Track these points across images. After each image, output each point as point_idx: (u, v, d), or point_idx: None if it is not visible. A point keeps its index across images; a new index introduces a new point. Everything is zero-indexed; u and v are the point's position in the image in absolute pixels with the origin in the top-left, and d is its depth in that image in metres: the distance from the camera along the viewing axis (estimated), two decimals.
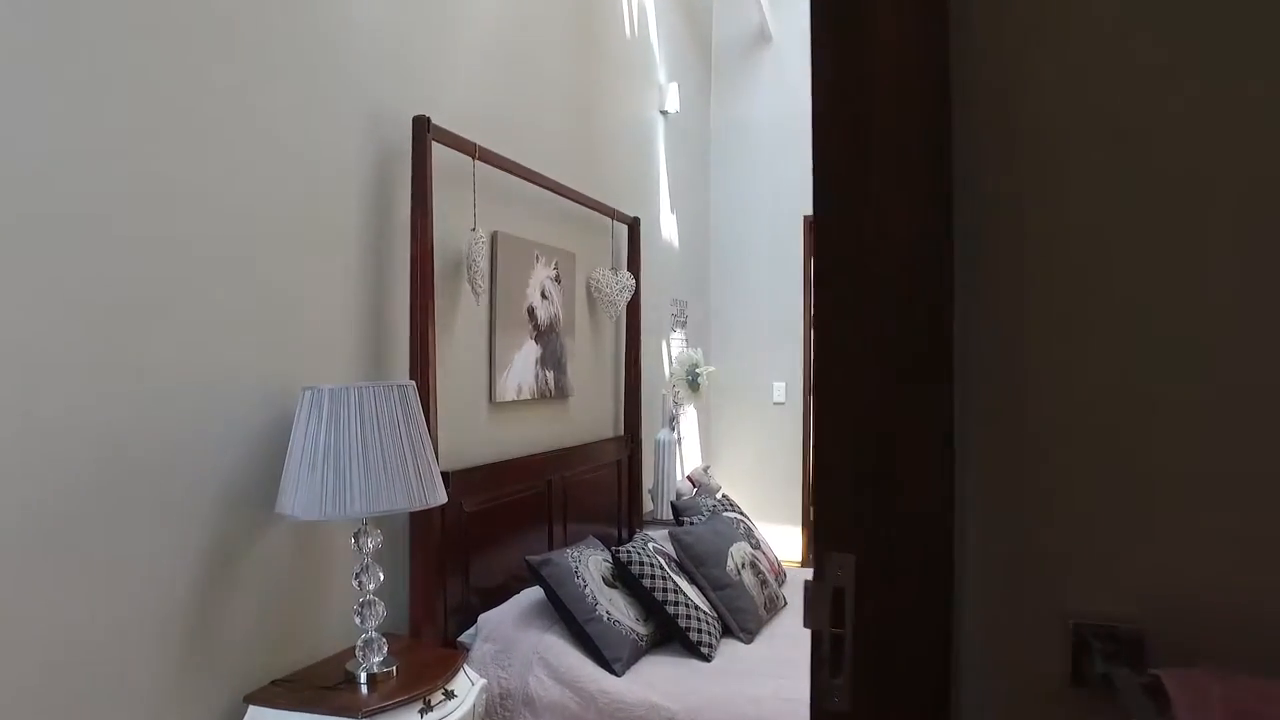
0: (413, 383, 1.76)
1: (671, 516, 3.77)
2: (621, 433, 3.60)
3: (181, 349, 1.55)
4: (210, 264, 1.61)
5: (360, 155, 2.03)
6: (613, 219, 3.39)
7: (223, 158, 1.64)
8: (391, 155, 2.14)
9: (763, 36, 5.03)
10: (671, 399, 3.98)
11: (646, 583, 2.23)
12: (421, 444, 1.71)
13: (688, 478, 4.01)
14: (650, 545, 2.43)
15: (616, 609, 2.17)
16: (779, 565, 2.97)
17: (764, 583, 2.59)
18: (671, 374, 4.18)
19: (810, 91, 0.83)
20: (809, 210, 3.53)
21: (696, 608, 2.28)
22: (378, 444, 1.62)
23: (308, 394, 1.62)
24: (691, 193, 4.81)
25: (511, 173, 2.53)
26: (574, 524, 2.94)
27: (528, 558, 2.17)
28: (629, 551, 2.27)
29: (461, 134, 2.24)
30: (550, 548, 2.77)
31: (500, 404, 2.61)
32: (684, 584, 2.34)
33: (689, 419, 4.54)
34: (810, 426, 5.03)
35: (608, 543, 3.19)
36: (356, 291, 2.01)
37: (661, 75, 4.20)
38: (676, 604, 2.24)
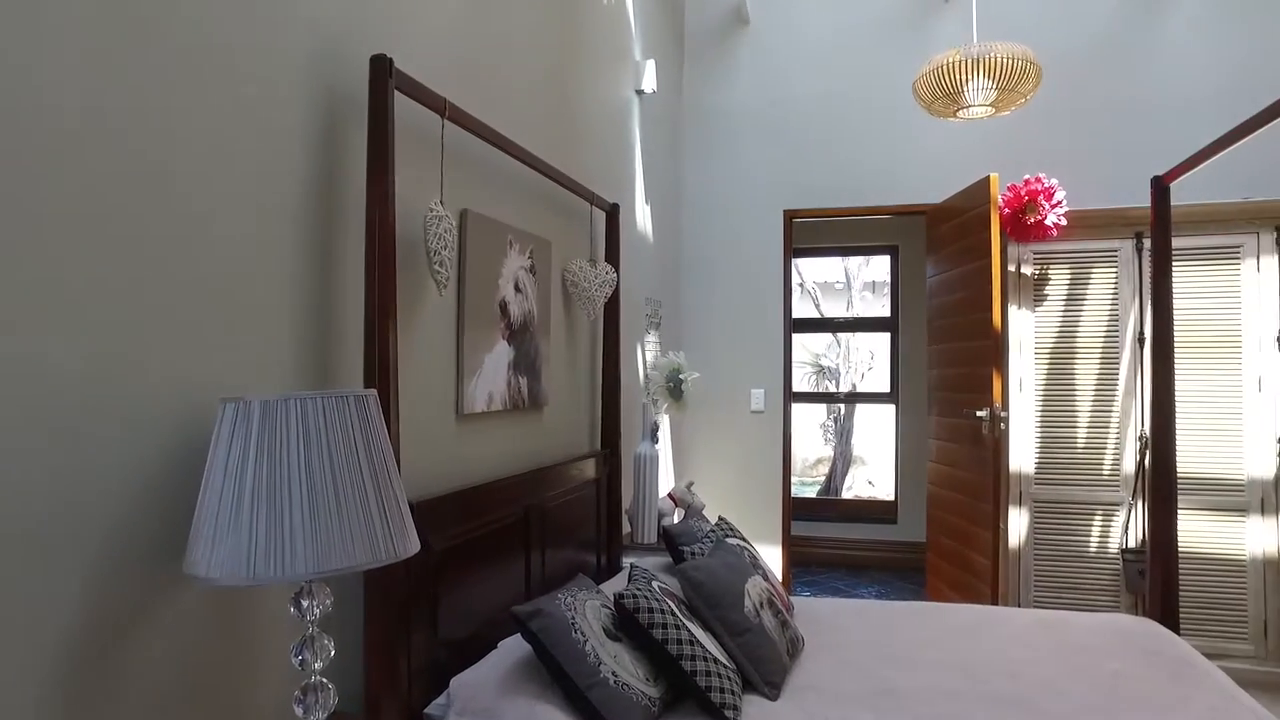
0: (373, 392, 1.33)
1: (656, 541, 3.40)
2: (599, 447, 3.20)
3: (44, 344, 1.09)
4: (89, 231, 1.15)
5: (303, 102, 1.59)
6: (591, 204, 2.99)
7: (120, 94, 1.19)
8: (343, 105, 1.70)
9: (739, 19, 4.70)
10: (652, 408, 3.59)
11: (658, 633, 1.83)
12: (387, 474, 1.28)
13: (669, 496, 3.62)
14: (655, 585, 2.03)
15: (623, 668, 1.76)
16: (787, 598, 2.61)
17: (784, 623, 2.21)
18: (649, 380, 3.79)
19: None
20: (790, 204, 3.17)
21: (715, 660, 1.89)
22: (328, 475, 1.19)
23: (230, 408, 1.18)
24: (665, 183, 4.44)
25: (486, 139, 2.10)
26: (552, 555, 2.53)
27: (515, 610, 1.74)
28: (635, 597, 1.87)
29: (428, 85, 1.82)
30: (528, 585, 2.35)
31: (469, 416, 2.18)
32: (698, 631, 1.94)
33: (663, 430, 4.15)
34: (791, 436, 4.70)
35: (579, 572, 2.80)
36: (296, 274, 1.57)
37: (637, 51, 3.82)
38: (694, 658, 1.84)
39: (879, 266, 9.17)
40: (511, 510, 2.26)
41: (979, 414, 3.62)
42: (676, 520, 3.61)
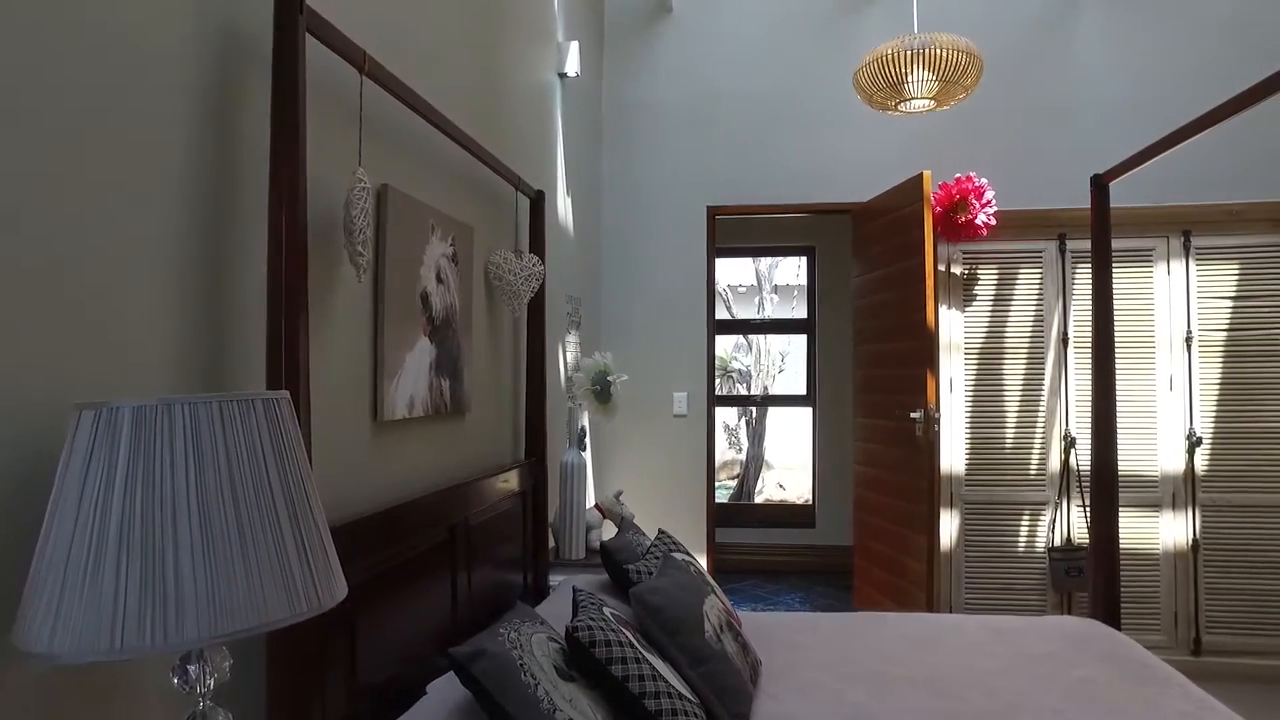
0: (285, 393, 1.04)
1: (584, 556, 3.16)
2: (523, 456, 2.93)
3: None
4: None
5: (188, 44, 1.28)
6: (517, 190, 2.73)
7: None
8: (240, 51, 1.39)
9: (662, 7, 4.52)
10: (578, 412, 3.35)
11: (617, 669, 1.60)
12: (306, 498, 1.00)
13: (596, 506, 3.39)
14: (607, 611, 1.79)
15: (580, 714, 1.52)
16: (736, 614, 2.42)
17: (744, 647, 2.02)
18: (572, 382, 3.55)
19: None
20: (713, 201, 3.00)
21: (681, 696, 1.67)
22: (229, 505, 0.90)
23: (89, 418, 0.88)
24: (585, 174, 4.21)
25: (409, 104, 1.82)
26: (478, 578, 2.26)
27: (454, 652, 1.47)
28: (590, 629, 1.63)
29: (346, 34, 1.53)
30: (455, 613, 2.08)
31: (388, 423, 1.88)
32: (658, 664, 1.72)
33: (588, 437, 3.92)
34: (714, 442, 4.55)
35: (508, 597, 2.54)
36: (179, 253, 1.25)
37: (560, 32, 3.58)
38: (658, 695, 1.62)
39: (787, 269, 9.24)
40: (436, 530, 1.98)
41: (913, 415, 3.56)
42: (603, 533, 3.38)
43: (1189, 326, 3.58)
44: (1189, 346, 3.58)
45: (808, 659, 2.25)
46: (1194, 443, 3.56)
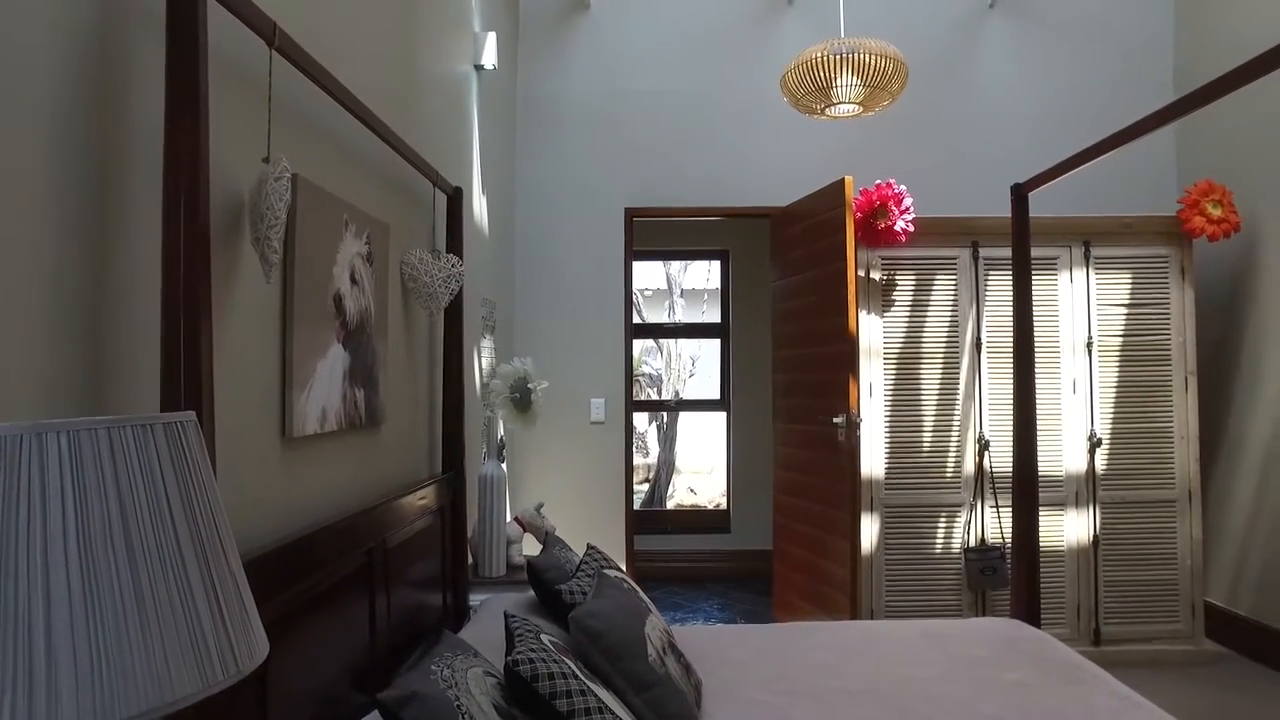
0: (191, 415, 0.88)
1: (505, 573, 3.01)
2: (441, 470, 2.76)
3: None
4: None
5: (62, 5, 1.08)
6: (435, 185, 2.56)
7: None
8: (126, 13, 1.20)
9: (580, 3, 4.41)
10: (497, 422, 3.19)
11: (562, 704, 1.48)
12: (218, 541, 0.84)
13: (516, 520, 3.24)
14: (545, 639, 1.66)
15: None
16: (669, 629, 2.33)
17: (687, 668, 1.93)
18: (489, 390, 3.38)
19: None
20: (630, 202, 2.92)
21: None
22: (119, 556, 0.74)
23: None
24: (500, 172, 4.05)
25: (323, 86, 1.65)
26: (397, 602, 2.08)
27: (383, 698, 1.31)
28: (531, 661, 1.50)
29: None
30: (374, 643, 1.90)
31: (298, 440, 1.70)
32: (603, 693, 1.61)
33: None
34: (632, 448, 4.46)
35: (427, 621, 2.37)
36: (48, 248, 1.06)
37: (476, 21, 3.41)
38: None
39: (697, 273, 9.26)
40: (352, 556, 1.81)
41: (834, 420, 3.57)
42: (524, 547, 3.24)
43: (1090, 332, 3.74)
44: (1090, 351, 3.73)
45: (746, 676, 2.18)
46: (1095, 443, 3.72)
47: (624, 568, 4.33)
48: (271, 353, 1.61)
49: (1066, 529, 3.73)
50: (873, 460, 3.70)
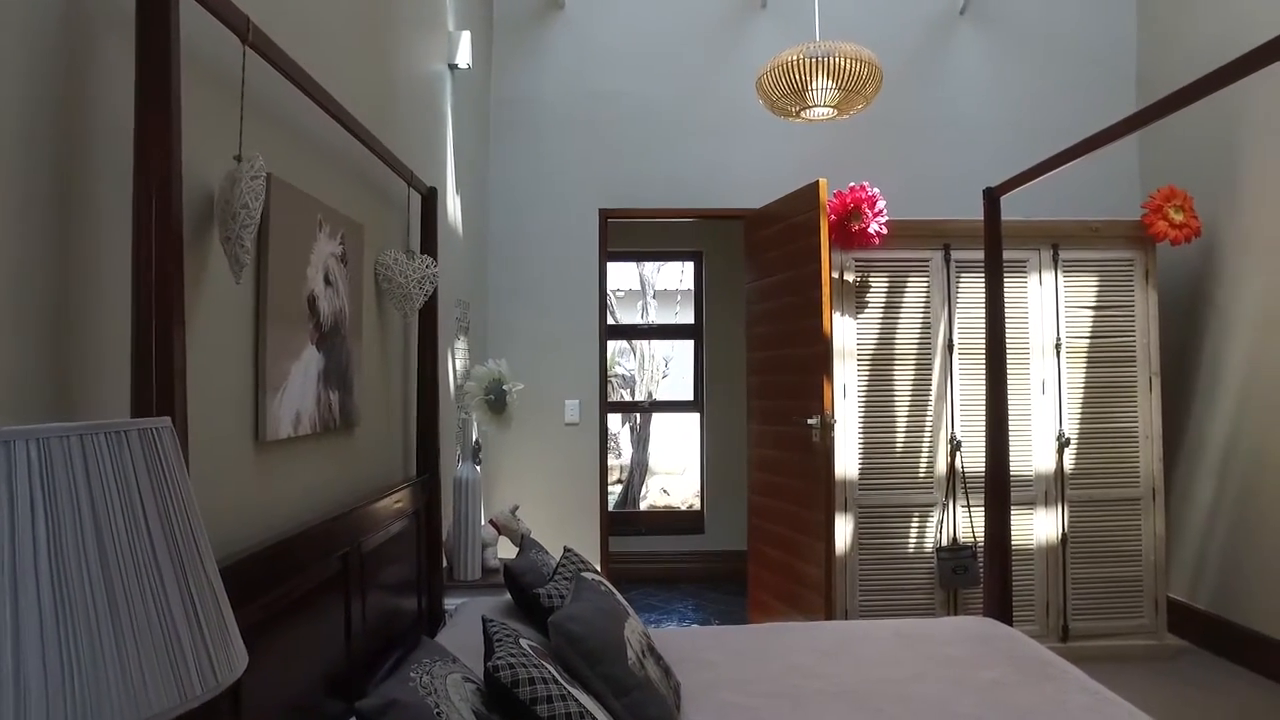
0: (166, 421, 0.85)
1: (480, 577, 2.99)
2: (415, 473, 2.73)
3: None
4: None
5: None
6: (409, 185, 2.53)
7: None
8: (91, 3, 1.17)
9: (554, 3, 4.39)
10: (472, 424, 3.16)
11: (543, 710, 1.46)
12: (196, 551, 0.82)
13: (491, 522, 3.21)
14: (525, 644, 1.65)
15: None
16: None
17: (666, 671, 1.92)
18: (463, 392, 3.35)
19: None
20: (605, 203, 2.93)
21: None
22: (93, 568, 0.72)
23: None
24: (474, 172, 4.02)
25: (298, 84, 1.62)
26: (372, 607, 2.05)
27: (361, 707, 1.29)
28: (511, 666, 1.48)
29: None
30: (350, 648, 1.87)
31: (272, 443, 1.66)
32: (584, 698, 1.60)
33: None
34: (606, 450, 4.45)
35: (401, 625, 2.34)
36: (12, 247, 1.02)
37: (451, 20, 3.38)
38: None
39: (670, 274, 9.27)
40: (328, 562, 1.77)
41: (809, 421, 3.59)
42: (498, 550, 3.21)
43: (1059, 333, 3.80)
44: (1059, 353, 3.80)
45: (722, 677, 2.18)
46: (1063, 443, 3.78)
47: (599, 570, 4.32)
48: (244, 355, 1.57)
49: (1036, 528, 3.78)
50: (846, 461, 3.73)
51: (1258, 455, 3.62)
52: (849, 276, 3.76)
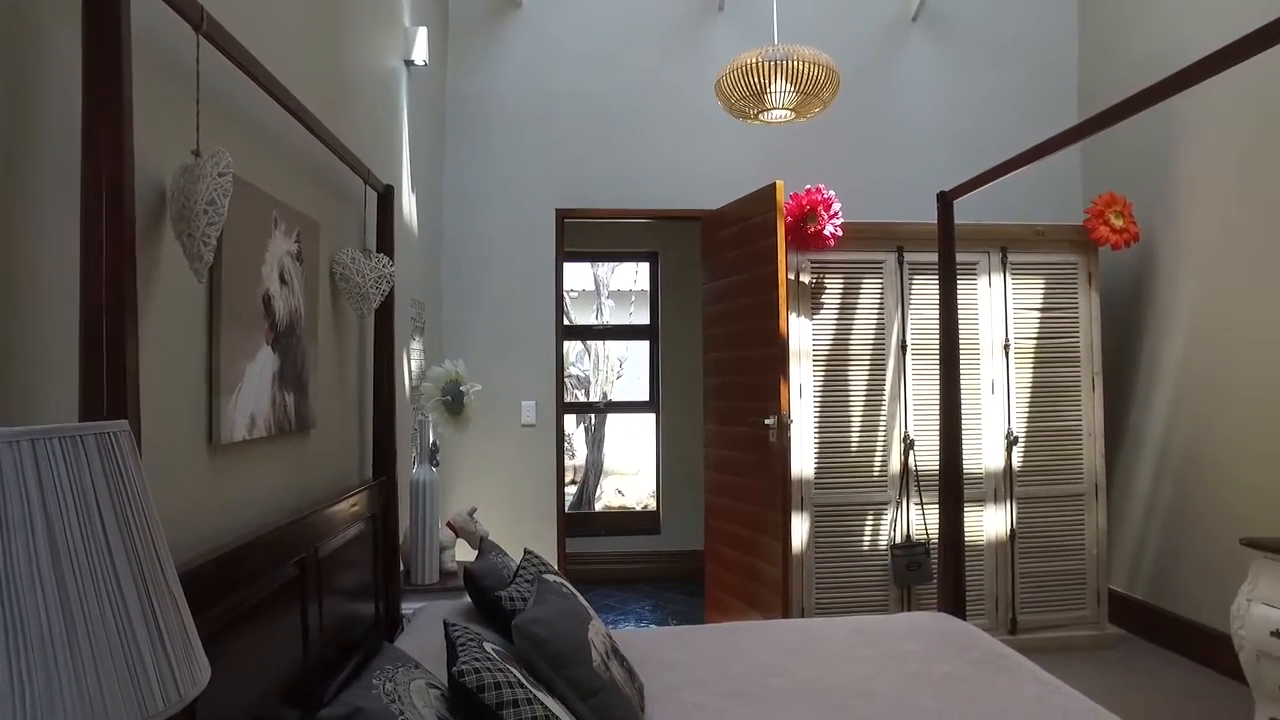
0: (124, 424, 0.82)
1: (437, 580, 2.95)
2: (372, 476, 2.67)
3: None
4: None
5: None
6: (366, 183, 2.48)
7: None
8: None
9: (510, 1, 4.35)
10: (430, 425, 3.11)
11: (509, 715, 1.44)
12: (156, 560, 0.79)
13: (448, 525, 3.17)
14: (489, 647, 1.62)
15: None
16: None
17: (630, 672, 1.92)
18: (419, 393, 3.30)
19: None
20: (561, 203, 2.94)
21: None
22: (47, 581, 0.69)
23: None
24: (429, 170, 3.96)
25: (253, 76, 1.57)
26: (329, 613, 2.01)
27: (323, 715, 1.26)
28: (477, 671, 1.46)
29: None
30: (307, 655, 1.82)
31: (227, 447, 1.61)
32: (549, 701, 1.58)
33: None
34: (563, 451, 4.43)
35: (359, 631, 2.29)
36: None
37: (407, 16, 3.33)
38: None
39: (624, 274, 9.27)
40: (284, 568, 1.73)
41: (766, 422, 3.62)
42: (456, 553, 3.17)
43: (1007, 334, 3.90)
44: (1007, 353, 3.90)
45: (686, 678, 2.18)
46: (1011, 441, 3.88)
47: (558, 571, 4.29)
48: (197, 356, 1.52)
49: (985, 524, 3.88)
50: (803, 460, 3.77)
51: (1191, 451, 3.77)
52: (805, 278, 3.80)
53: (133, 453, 0.82)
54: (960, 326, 3.67)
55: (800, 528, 3.75)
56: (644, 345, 6.32)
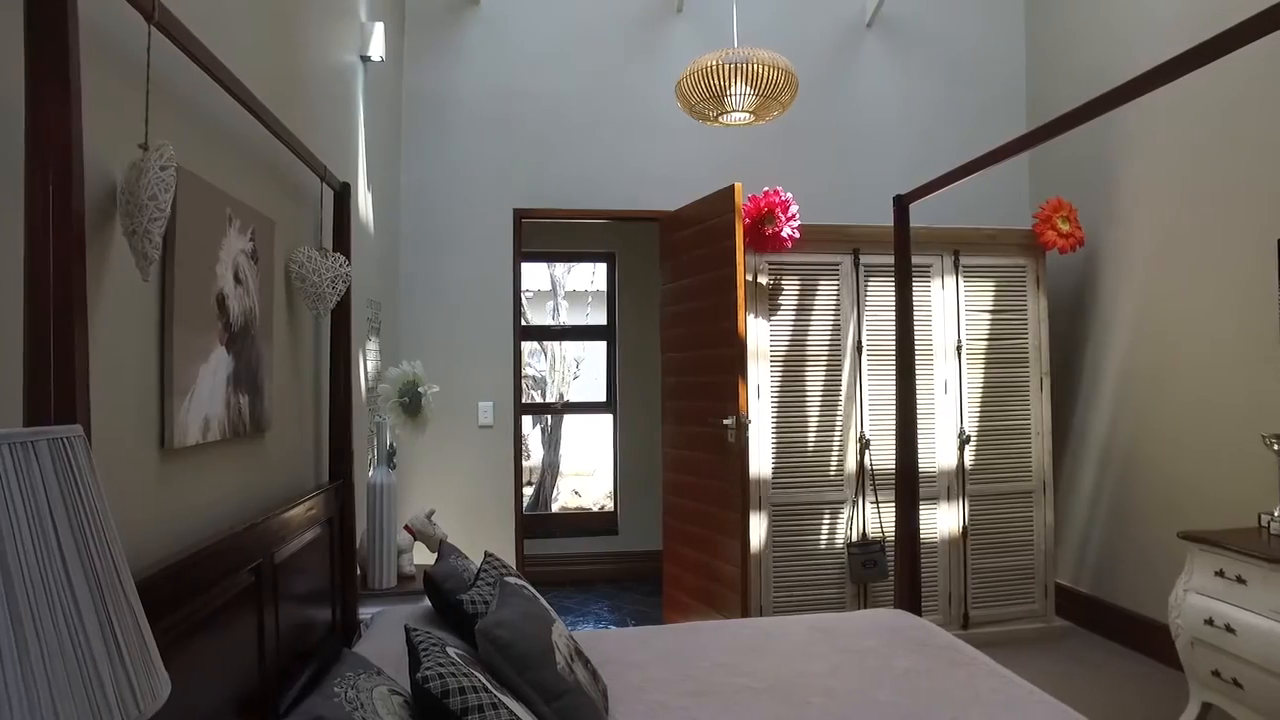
0: (78, 429, 0.79)
1: (395, 584, 2.90)
2: (328, 479, 2.62)
3: None
4: None
5: None
6: (323, 180, 2.43)
7: None
8: None
9: None
10: (387, 427, 3.06)
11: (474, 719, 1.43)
12: (114, 571, 0.76)
13: (406, 528, 3.12)
14: (452, 652, 1.60)
15: None
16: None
17: (594, 674, 1.91)
18: (376, 394, 3.24)
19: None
20: (519, 203, 2.93)
21: None
22: None
23: None
24: (385, 169, 3.90)
25: (206, 69, 1.52)
26: (285, 619, 1.96)
27: None
28: (441, 677, 1.44)
29: None
30: (263, 665, 1.78)
31: (180, 451, 1.56)
32: (514, 705, 1.57)
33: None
34: (521, 452, 4.40)
35: (315, 637, 2.24)
36: None
37: (363, 10, 3.27)
38: None
39: (581, 275, 9.24)
40: (240, 575, 1.68)
41: (725, 422, 3.64)
42: (414, 557, 3.13)
43: (959, 336, 3.99)
44: (960, 354, 3.99)
45: (649, 678, 2.19)
46: (964, 440, 3.97)
47: (518, 573, 4.26)
48: (148, 357, 1.47)
49: (939, 521, 3.96)
50: (760, 460, 3.81)
51: (1132, 449, 3.91)
52: (762, 279, 3.83)
53: (87, 459, 0.79)
54: (916, 327, 3.76)
55: (758, 527, 3.78)
56: (601, 346, 6.31)
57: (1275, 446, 2.85)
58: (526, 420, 8.78)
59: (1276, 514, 2.82)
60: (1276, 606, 2.53)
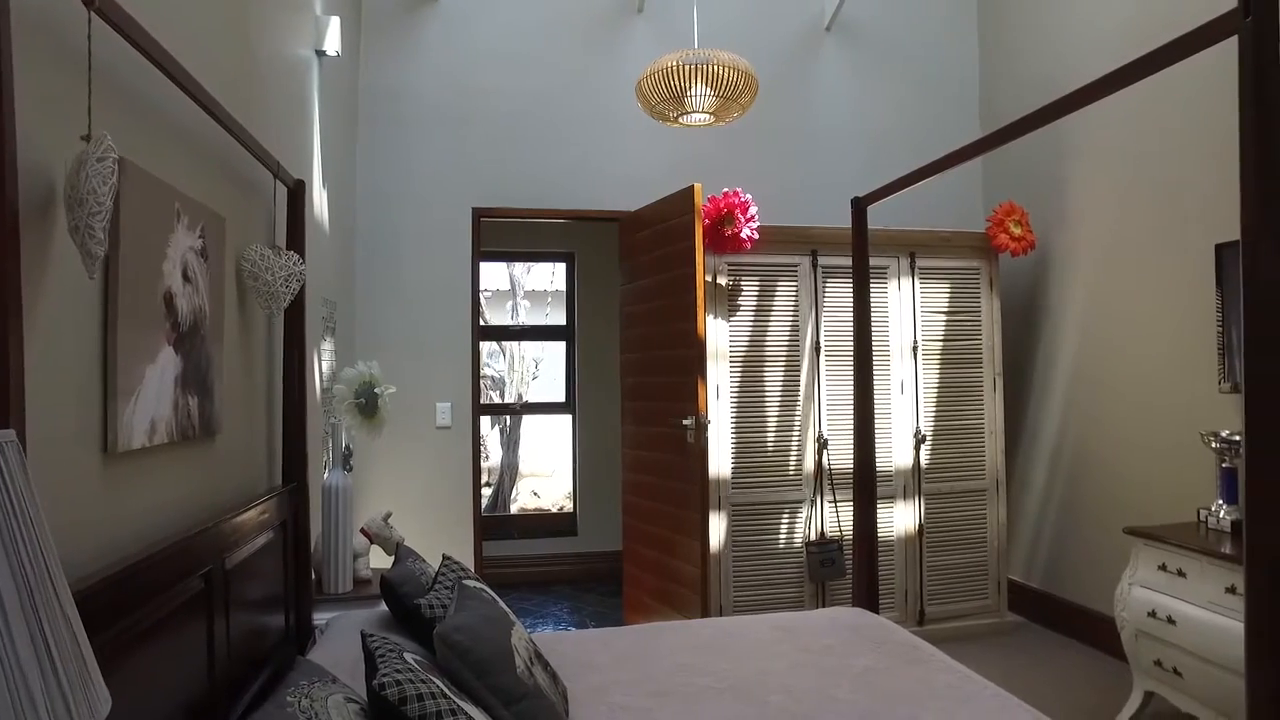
0: (11, 434, 0.75)
1: (351, 589, 2.85)
2: (281, 482, 2.56)
3: None
4: None
5: None
6: (275, 176, 2.37)
7: None
8: None
9: None
10: (343, 429, 3.00)
11: None
12: (49, 582, 0.73)
13: (362, 531, 3.07)
14: (409, 658, 1.57)
15: None
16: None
17: (554, 677, 1.89)
18: (331, 394, 3.19)
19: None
20: (477, 202, 2.92)
21: None
22: None
23: None
24: (341, 166, 3.83)
25: (151, 58, 1.47)
26: (236, 627, 1.91)
27: None
28: (399, 683, 1.41)
29: None
30: (214, 674, 1.73)
31: (125, 455, 1.51)
32: (474, 711, 1.54)
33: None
34: (480, 454, 4.35)
35: (267, 644, 2.19)
36: None
37: (318, 4, 3.20)
38: None
39: (540, 275, 9.19)
40: (189, 582, 1.63)
41: (685, 422, 3.65)
42: (370, 560, 3.08)
43: (915, 337, 4.05)
44: (915, 355, 4.05)
45: (611, 680, 2.18)
46: (919, 440, 4.04)
47: (477, 576, 4.22)
48: (90, 358, 1.42)
49: (895, 520, 4.02)
50: (720, 460, 3.82)
51: (1081, 447, 4.01)
52: (721, 280, 3.85)
53: (20, 464, 0.76)
54: (872, 328, 3.80)
55: (718, 527, 3.79)
56: (561, 346, 6.28)
57: (1214, 444, 2.95)
58: (485, 421, 8.71)
59: (1214, 509, 2.91)
60: (1213, 598, 2.61)
